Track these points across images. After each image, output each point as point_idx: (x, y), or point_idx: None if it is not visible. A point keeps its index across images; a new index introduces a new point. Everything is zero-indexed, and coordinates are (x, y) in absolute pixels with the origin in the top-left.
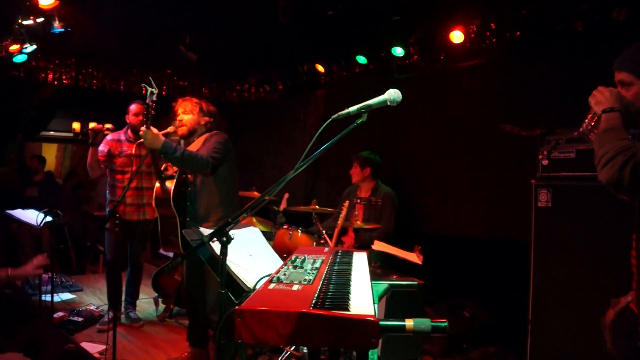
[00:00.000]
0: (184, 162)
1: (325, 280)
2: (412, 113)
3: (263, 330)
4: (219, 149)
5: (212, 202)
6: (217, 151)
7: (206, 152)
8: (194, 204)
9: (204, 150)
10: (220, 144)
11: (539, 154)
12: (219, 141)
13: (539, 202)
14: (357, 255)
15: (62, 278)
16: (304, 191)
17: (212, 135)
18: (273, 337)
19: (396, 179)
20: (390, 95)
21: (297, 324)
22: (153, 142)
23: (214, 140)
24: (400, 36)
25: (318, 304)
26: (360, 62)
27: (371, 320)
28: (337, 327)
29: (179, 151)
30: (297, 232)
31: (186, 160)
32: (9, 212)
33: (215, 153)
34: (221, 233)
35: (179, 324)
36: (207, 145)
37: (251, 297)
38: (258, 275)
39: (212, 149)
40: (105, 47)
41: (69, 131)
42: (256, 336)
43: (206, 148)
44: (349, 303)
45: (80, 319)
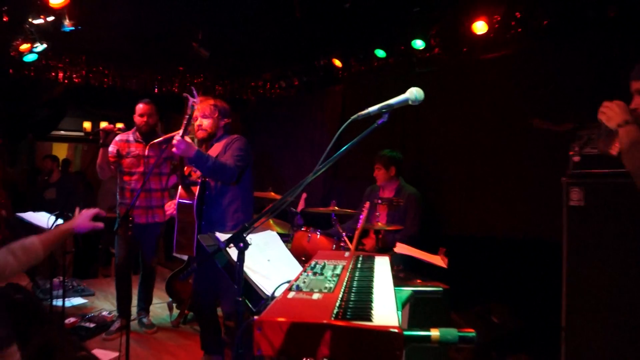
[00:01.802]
0: (215, 171)
1: (347, 288)
2: (434, 108)
3: (283, 343)
4: (242, 156)
5: (229, 208)
6: (241, 158)
7: (232, 161)
8: (211, 208)
9: (229, 157)
10: (243, 150)
11: (570, 150)
12: (241, 147)
13: (571, 201)
14: (379, 261)
15: (74, 282)
16: (322, 191)
17: (234, 140)
18: (293, 350)
19: (418, 177)
20: (412, 94)
21: (318, 336)
22: (186, 151)
23: (236, 147)
24: (420, 28)
25: (340, 314)
26: (379, 56)
27: (395, 332)
28: (360, 339)
29: (210, 161)
30: (315, 234)
31: (217, 170)
32: (20, 215)
33: (239, 161)
34: (238, 238)
35: (194, 330)
36: (230, 152)
37: (270, 307)
38: (276, 281)
39: (237, 156)
40: (116, 45)
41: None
42: (276, 348)
43: (230, 155)
44: (372, 313)
45: (92, 325)
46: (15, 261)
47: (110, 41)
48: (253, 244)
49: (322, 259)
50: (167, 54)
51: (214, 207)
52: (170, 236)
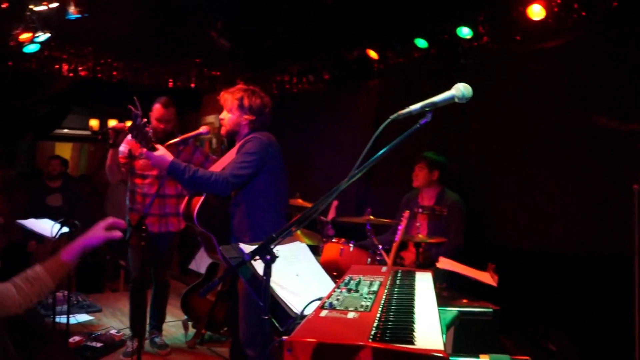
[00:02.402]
0: (195, 185)
1: (385, 306)
2: (482, 104)
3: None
4: (248, 162)
5: (245, 220)
6: (244, 166)
7: (229, 170)
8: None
9: (230, 164)
10: (251, 155)
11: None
12: (249, 152)
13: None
14: (420, 277)
15: (79, 297)
16: (355, 198)
17: (246, 142)
18: None
19: (463, 183)
20: (459, 91)
21: (354, 359)
22: (159, 163)
23: (244, 151)
24: (467, 14)
25: (378, 335)
26: (419, 46)
27: (440, 356)
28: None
29: (187, 173)
30: (348, 246)
31: (197, 182)
32: (21, 222)
33: (241, 169)
34: (265, 250)
35: (211, 352)
36: (236, 158)
37: (301, 327)
38: (306, 298)
39: (238, 164)
40: (126, 35)
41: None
42: None
43: (233, 162)
44: (414, 335)
45: (99, 345)
46: (19, 295)
47: (120, 31)
48: (280, 257)
49: (356, 274)
50: (183, 45)
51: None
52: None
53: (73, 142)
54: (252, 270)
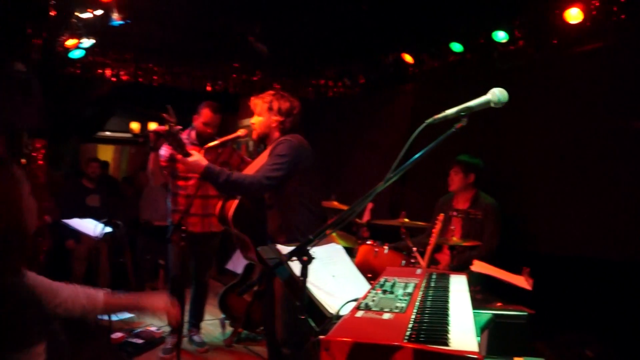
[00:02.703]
0: (231, 188)
1: (420, 308)
2: (518, 108)
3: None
4: (280, 164)
5: (278, 221)
6: (277, 168)
7: (262, 172)
8: (263, 221)
9: (262, 167)
10: (283, 157)
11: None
12: (281, 154)
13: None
14: (454, 279)
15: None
16: (390, 201)
17: (277, 144)
18: None
19: (497, 187)
20: (495, 96)
21: (389, 359)
22: (194, 168)
23: (276, 153)
24: (503, 18)
25: (413, 336)
26: (455, 51)
27: (474, 358)
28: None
29: (222, 177)
30: (383, 248)
31: (232, 186)
32: (65, 222)
33: (274, 171)
34: (302, 252)
35: (248, 351)
36: (268, 160)
37: (338, 326)
38: (342, 299)
39: (271, 166)
40: (166, 40)
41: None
42: None
43: (265, 164)
44: (448, 336)
45: (140, 341)
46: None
47: (160, 36)
48: (317, 258)
49: (391, 276)
50: (222, 50)
51: (269, 220)
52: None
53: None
54: (289, 271)
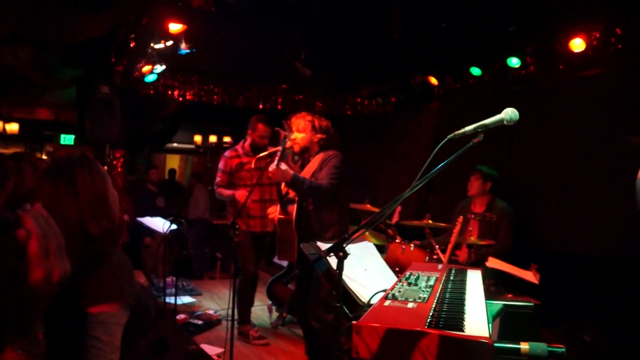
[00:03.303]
0: (311, 193)
1: (440, 298)
2: (530, 125)
3: (379, 346)
4: (337, 174)
5: (327, 221)
6: (335, 177)
7: (327, 180)
8: (309, 221)
9: (324, 175)
10: (337, 168)
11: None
12: (336, 166)
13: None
14: (471, 274)
15: (183, 282)
16: (416, 205)
17: (330, 158)
18: (388, 354)
19: (512, 193)
20: (507, 115)
21: (412, 342)
22: (283, 177)
23: (331, 165)
24: (516, 46)
25: (433, 322)
26: (474, 74)
27: (486, 342)
28: (452, 347)
29: (306, 184)
30: (409, 246)
31: (312, 191)
32: (140, 220)
33: (334, 179)
34: (338, 248)
35: (291, 332)
36: (325, 170)
37: (368, 313)
38: (372, 290)
39: (331, 175)
40: (225, 65)
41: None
42: (372, 351)
43: (325, 174)
44: (464, 323)
45: (200, 322)
46: None
47: (220, 62)
48: (351, 254)
49: (416, 270)
50: (272, 73)
51: (312, 220)
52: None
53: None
54: (327, 265)
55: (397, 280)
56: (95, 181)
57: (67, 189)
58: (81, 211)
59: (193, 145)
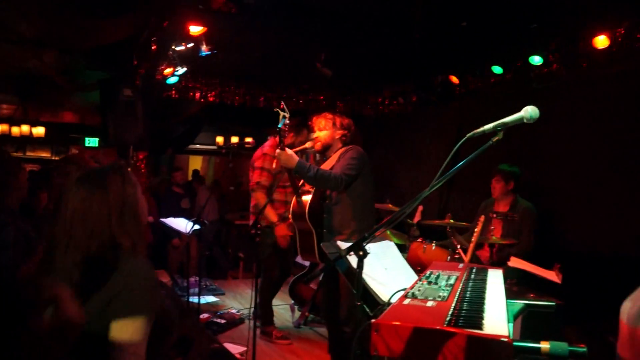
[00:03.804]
0: (317, 181)
1: (460, 297)
2: (553, 123)
3: (398, 345)
4: (353, 165)
5: (345, 216)
6: (351, 168)
7: (340, 170)
8: (329, 216)
9: (338, 167)
10: (354, 159)
11: None
12: (353, 157)
13: None
14: (492, 273)
15: (207, 282)
16: (438, 204)
17: (347, 150)
18: (407, 352)
19: (534, 193)
20: (527, 113)
21: (431, 340)
22: (287, 162)
23: (348, 157)
24: (538, 44)
25: (452, 321)
26: (495, 72)
27: (505, 341)
28: (471, 345)
29: (312, 171)
30: (431, 245)
31: (319, 179)
32: (163, 220)
33: (349, 170)
34: (358, 247)
35: (313, 331)
36: (341, 162)
37: (387, 312)
38: (393, 289)
39: (346, 165)
40: (245, 66)
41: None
42: (391, 350)
43: (340, 165)
44: (483, 322)
45: (223, 321)
46: None
47: (240, 63)
48: (372, 253)
49: (436, 269)
50: (292, 74)
51: (332, 215)
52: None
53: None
54: (347, 263)
55: (417, 279)
56: (127, 190)
57: (99, 197)
58: (111, 220)
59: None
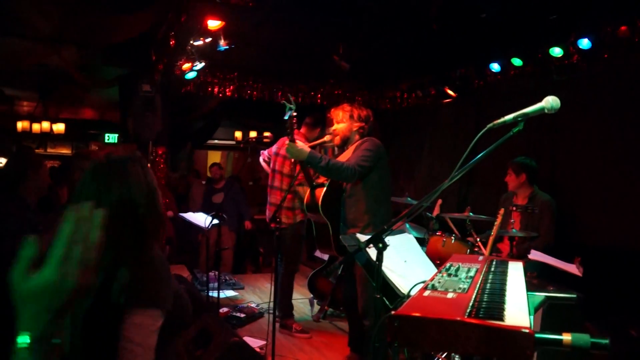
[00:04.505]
0: (329, 171)
1: (480, 289)
2: (573, 116)
3: (418, 336)
4: (368, 156)
5: (359, 209)
6: (366, 159)
7: (354, 161)
8: (344, 209)
9: (353, 158)
10: (370, 151)
11: None
12: (368, 149)
13: None
14: (512, 265)
15: (226, 276)
16: (457, 198)
17: (363, 142)
18: (428, 343)
19: (553, 186)
20: (548, 103)
21: (451, 332)
22: (298, 154)
23: (363, 148)
24: (559, 35)
25: (473, 312)
26: (515, 65)
27: (526, 332)
28: (492, 336)
29: (324, 161)
30: (450, 239)
31: (331, 170)
32: (182, 215)
33: (364, 161)
34: (378, 239)
35: (333, 325)
36: (357, 153)
37: (407, 303)
38: (412, 281)
39: (361, 157)
40: (263, 61)
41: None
42: (411, 341)
43: (355, 156)
44: (504, 313)
45: (243, 315)
46: None
47: (258, 58)
48: (391, 245)
49: (456, 261)
50: (310, 68)
51: (347, 207)
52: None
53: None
54: (367, 256)
55: (436, 271)
56: (147, 177)
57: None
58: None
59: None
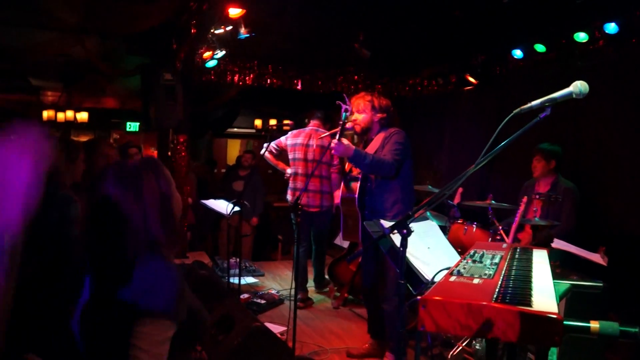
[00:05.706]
0: (372, 168)
1: (506, 275)
2: (598, 103)
3: (445, 320)
4: (400, 150)
5: (389, 199)
6: (399, 153)
7: (390, 156)
8: (372, 198)
9: (386, 152)
10: (401, 144)
11: None
12: (399, 141)
13: None
14: (537, 253)
15: (247, 263)
16: (479, 186)
17: (392, 135)
18: (455, 328)
19: (577, 174)
20: (577, 88)
21: (479, 316)
22: (345, 152)
23: (394, 141)
24: (584, 20)
25: (499, 297)
26: (538, 51)
27: (555, 318)
28: (520, 321)
29: (368, 158)
30: (472, 227)
31: (374, 166)
32: (203, 202)
33: (397, 155)
34: (402, 226)
35: (352, 312)
36: (388, 147)
37: (434, 288)
38: (435, 268)
39: (394, 150)
40: (283, 49)
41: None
42: (438, 325)
43: (388, 150)
44: (531, 299)
45: (263, 302)
46: None
47: (278, 46)
48: (415, 232)
49: (480, 248)
50: (331, 55)
51: (375, 198)
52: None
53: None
54: (390, 242)
55: (461, 258)
56: (161, 186)
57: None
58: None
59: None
